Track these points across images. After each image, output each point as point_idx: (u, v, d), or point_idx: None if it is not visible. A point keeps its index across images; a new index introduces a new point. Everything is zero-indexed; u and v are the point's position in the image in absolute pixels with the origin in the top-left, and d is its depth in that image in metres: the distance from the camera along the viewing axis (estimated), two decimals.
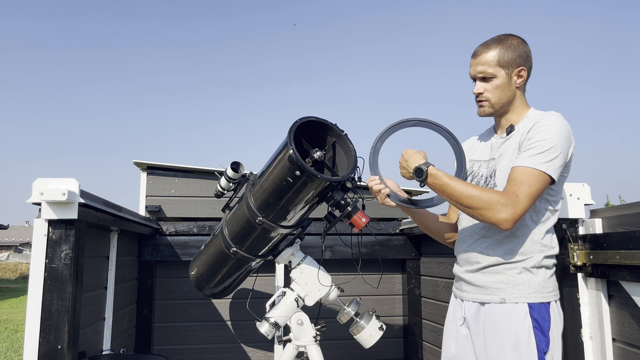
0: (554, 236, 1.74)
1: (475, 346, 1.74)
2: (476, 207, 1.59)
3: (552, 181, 1.61)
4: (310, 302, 2.34)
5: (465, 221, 1.85)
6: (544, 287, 1.66)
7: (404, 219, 3.71)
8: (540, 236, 1.68)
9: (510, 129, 1.77)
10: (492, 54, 1.71)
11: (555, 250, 1.73)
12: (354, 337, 2.33)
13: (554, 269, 1.73)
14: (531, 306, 1.64)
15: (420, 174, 1.68)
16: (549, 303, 1.66)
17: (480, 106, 1.77)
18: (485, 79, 1.74)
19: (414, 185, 3.80)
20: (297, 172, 1.87)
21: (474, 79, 1.78)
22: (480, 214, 1.59)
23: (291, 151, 1.85)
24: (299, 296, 2.34)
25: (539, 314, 1.63)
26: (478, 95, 1.76)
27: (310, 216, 2.24)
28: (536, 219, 1.68)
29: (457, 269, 1.87)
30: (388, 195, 1.84)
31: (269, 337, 2.33)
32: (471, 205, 1.60)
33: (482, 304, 1.72)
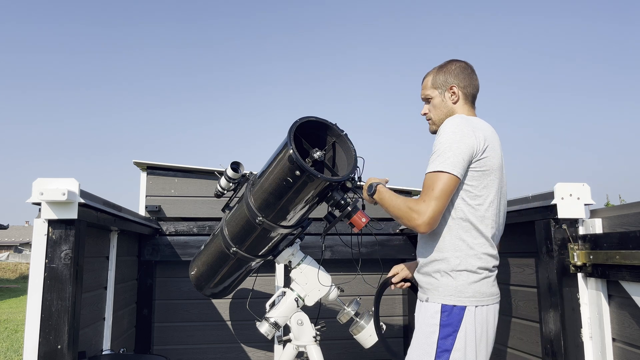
0: (484, 237, 1.77)
1: None
2: (399, 216, 1.80)
3: (457, 177, 1.71)
4: (310, 302, 2.34)
5: None
6: (461, 291, 1.74)
7: None
8: (459, 231, 1.77)
9: None
10: (428, 79, 1.98)
11: (481, 252, 1.76)
12: (354, 337, 2.33)
13: (484, 273, 1.76)
14: (443, 307, 1.74)
15: (370, 188, 1.96)
16: (464, 307, 1.72)
17: (429, 125, 2.01)
18: (427, 101, 1.99)
19: (414, 186, 3.80)
20: (297, 172, 1.87)
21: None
22: (403, 222, 1.79)
23: (291, 151, 1.85)
24: (299, 296, 2.34)
25: (449, 315, 1.73)
26: (425, 115, 2.01)
27: (310, 216, 2.24)
28: (454, 214, 1.79)
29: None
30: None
31: (269, 337, 2.33)
32: (396, 215, 1.82)
33: (420, 301, 1.87)
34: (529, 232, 2.19)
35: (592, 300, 1.99)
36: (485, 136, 1.78)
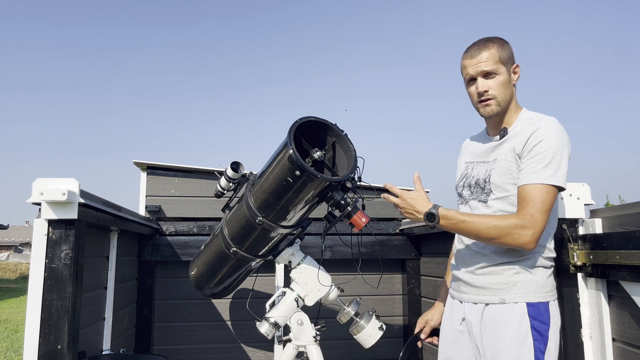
0: (550, 234, 1.74)
1: (479, 346, 1.74)
2: (497, 236, 1.60)
3: (562, 189, 1.62)
4: (310, 302, 2.34)
5: None
6: (543, 286, 1.67)
7: (403, 219, 3.71)
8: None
9: (503, 132, 1.77)
10: (493, 52, 1.72)
11: (552, 250, 1.74)
12: (354, 337, 2.33)
13: (552, 268, 1.74)
14: (529, 305, 1.64)
15: (432, 218, 1.67)
16: (547, 302, 1.67)
17: (487, 105, 1.74)
18: (487, 76, 1.72)
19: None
20: (297, 172, 1.87)
21: (473, 79, 1.76)
22: (502, 241, 1.61)
23: (291, 151, 1.85)
24: (299, 296, 2.34)
25: (537, 313, 1.64)
26: (484, 93, 1.72)
27: (310, 216, 2.24)
28: None
29: (455, 270, 1.87)
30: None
31: (269, 337, 2.33)
32: (492, 236, 1.61)
33: (485, 304, 1.72)
34: None
35: (592, 300, 1.99)
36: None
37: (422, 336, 2.08)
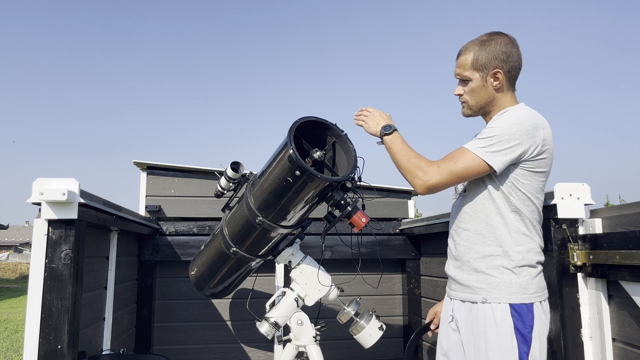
0: (537, 231, 1.72)
1: (463, 344, 1.75)
2: (403, 167, 1.70)
3: (492, 169, 1.61)
4: (310, 302, 2.34)
5: (451, 217, 1.87)
6: (526, 287, 1.65)
7: (403, 219, 3.71)
8: (517, 224, 1.67)
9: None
10: (468, 57, 1.74)
11: (538, 245, 1.71)
12: (354, 337, 2.33)
13: (540, 267, 1.71)
14: (512, 307, 1.63)
15: (388, 128, 1.80)
16: (532, 304, 1.65)
17: (462, 107, 1.83)
18: (463, 81, 1.78)
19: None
20: (297, 172, 1.87)
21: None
22: (403, 173, 1.71)
23: (291, 151, 1.85)
24: (299, 296, 2.34)
25: (519, 314, 1.63)
26: (458, 96, 1.81)
27: (310, 216, 2.24)
28: (508, 206, 1.67)
29: (446, 267, 1.89)
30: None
31: (269, 337, 2.33)
32: (401, 165, 1.71)
33: (471, 302, 1.72)
34: None
35: (592, 300, 1.99)
36: (545, 137, 1.65)
37: (432, 327, 2.08)
